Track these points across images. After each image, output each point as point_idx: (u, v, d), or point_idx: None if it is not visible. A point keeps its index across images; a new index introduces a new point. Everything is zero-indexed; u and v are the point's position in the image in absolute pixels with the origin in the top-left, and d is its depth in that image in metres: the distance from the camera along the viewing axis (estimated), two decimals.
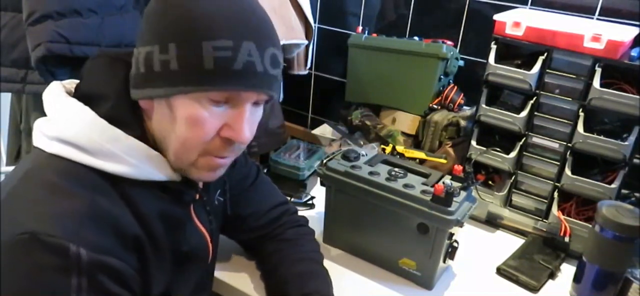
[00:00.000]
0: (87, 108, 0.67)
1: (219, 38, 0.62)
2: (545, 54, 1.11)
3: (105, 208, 0.64)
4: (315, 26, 1.69)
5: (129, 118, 0.68)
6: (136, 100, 0.69)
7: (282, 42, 1.44)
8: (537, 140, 1.17)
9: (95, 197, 0.63)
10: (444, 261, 1.01)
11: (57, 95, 0.70)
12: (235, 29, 0.64)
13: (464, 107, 1.44)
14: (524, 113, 1.15)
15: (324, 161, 1.08)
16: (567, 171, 1.13)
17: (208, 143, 0.69)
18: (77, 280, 0.59)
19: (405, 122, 1.49)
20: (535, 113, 1.15)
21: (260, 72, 0.66)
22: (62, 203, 0.62)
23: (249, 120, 0.69)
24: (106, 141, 0.65)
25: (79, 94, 0.71)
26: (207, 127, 0.67)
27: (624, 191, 1.12)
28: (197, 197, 0.78)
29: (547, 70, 1.12)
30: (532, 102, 1.14)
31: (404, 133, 1.48)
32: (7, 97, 1.30)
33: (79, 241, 0.59)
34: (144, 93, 0.67)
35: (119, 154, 0.66)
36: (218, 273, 1.00)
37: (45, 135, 0.67)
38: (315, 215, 1.22)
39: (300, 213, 1.06)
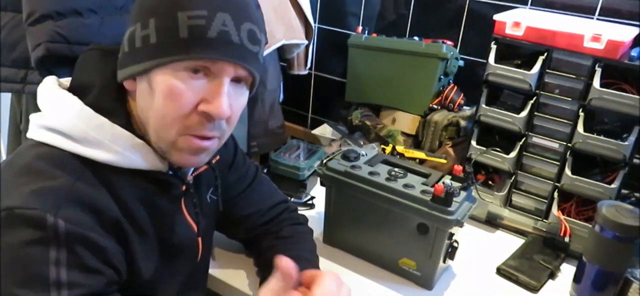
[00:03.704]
0: (74, 98, 0.68)
1: (194, 8, 0.64)
2: (545, 54, 1.11)
3: (86, 190, 0.64)
4: (315, 26, 1.69)
5: (114, 106, 0.69)
6: (121, 89, 0.70)
7: (282, 42, 1.45)
8: (537, 140, 1.17)
9: (75, 180, 0.64)
10: (444, 261, 1.01)
11: (49, 88, 0.71)
12: (211, 0, 0.65)
13: (464, 107, 1.44)
14: (524, 113, 1.15)
15: (324, 161, 1.08)
16: (567, 171, 1.13)
17: (186, 118, 0.67)
18: (56, 252, 0.59)
19: (405, 122, 1.49)
20: (535, 113, 1.15)
21: (235, 43, 0.66)
22: (42, 183, 0.62)
23: (228, 95, 0.68)
24: (91, 129, 0.66)
25: (70, 87, 0.72)
26: (184, 99, 0.66)
27: (624, 191, 1.12)
28: (184, 188, 0.78)
29: (547, 70, 1.12)
30: (532, 102, 1.14)
31: (404, 133, 1.48)
32: (7, 97, 1.30)
33: (56, 213, 0.59)
34: (126, 72, 0.69)
35: (104, 142, 0.66)
36: (214, 271, 1.00)
37: (34, 125, 0.69)
38: (315, 215, 1.22)
39: (300, 213, 1.06)
